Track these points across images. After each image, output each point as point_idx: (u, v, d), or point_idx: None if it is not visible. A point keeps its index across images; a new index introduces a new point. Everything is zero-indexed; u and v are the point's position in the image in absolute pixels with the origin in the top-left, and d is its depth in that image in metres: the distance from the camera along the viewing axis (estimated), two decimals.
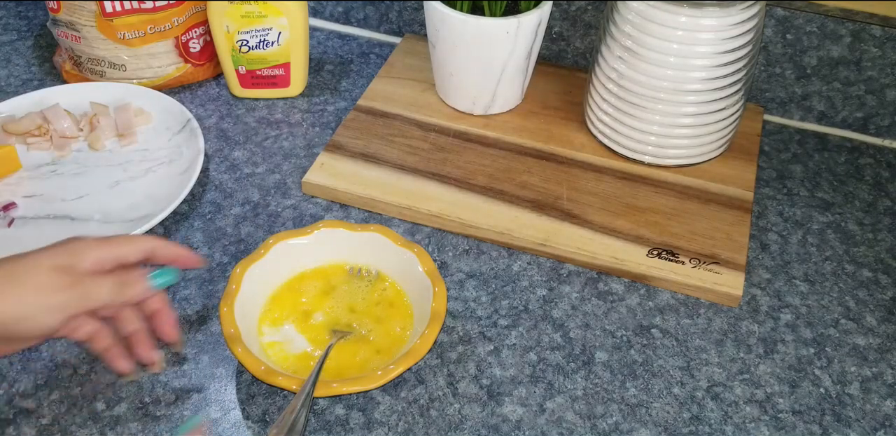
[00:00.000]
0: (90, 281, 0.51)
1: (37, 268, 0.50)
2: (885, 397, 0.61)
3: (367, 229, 0.63)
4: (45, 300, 0.49)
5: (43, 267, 0.50)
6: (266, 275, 0.62)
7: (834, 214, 0.75)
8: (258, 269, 0.61)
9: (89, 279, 0.51)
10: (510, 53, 0.74)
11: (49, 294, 0.49)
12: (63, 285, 0.50)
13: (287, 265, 0.63)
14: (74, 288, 0.50)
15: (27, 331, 0.50)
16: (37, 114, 0.76)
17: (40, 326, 0.50)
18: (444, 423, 0.58)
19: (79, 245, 0.52)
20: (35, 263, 0.50)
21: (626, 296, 0.67)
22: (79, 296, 0.51)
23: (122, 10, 0.77)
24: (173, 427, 0.57)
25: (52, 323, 0.50)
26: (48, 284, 0.50)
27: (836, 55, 0.78)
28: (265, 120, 0.81)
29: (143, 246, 0.55)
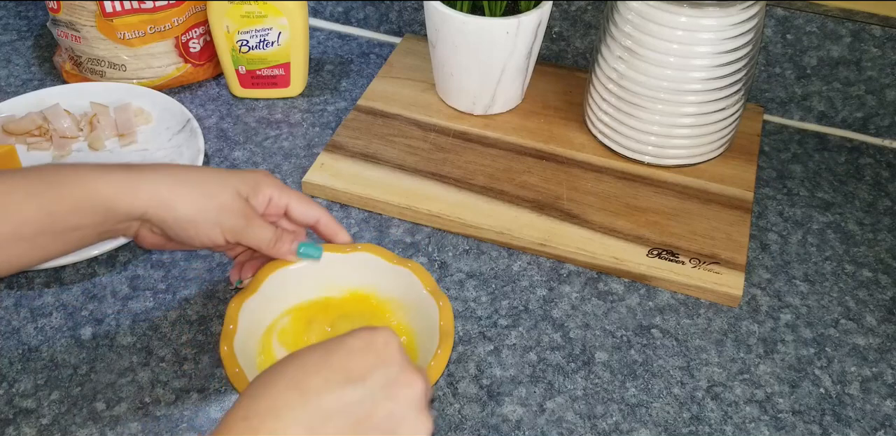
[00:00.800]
0: (258, 221, 0.56)
1: (224, 186, 0.54)
2: (885, 397, 0.61)
3: (355, 250, 0.60)
4: (219, 218, 0.54)
5: (229, 188, 0.54)
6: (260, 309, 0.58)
7: (834, 214, 0.75)
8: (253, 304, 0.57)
9: (258, 220, 0.56)
10: (510, 53, 0.74)
11: (225, 214, 0.54)
12: (238, 212, 0.54)
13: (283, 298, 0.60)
14: (245, 219, 0.55)
15: (193, 237, 0.54)
16: (37, 114, 0.76)
17: (204, 237, 0.54)
18: (444, 423, 0.58)
19: (264, 180, 0.57)
20: (225, 181, 0.55)
21: (626, 296, 0.67)
22: (244, 227, 0.55)
23: (122, 10, 0.77)
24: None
25: (217, 239, 0.54)
26: (228, 205, 0.54)
27: (836, 55, 0.78)
28: (265, 120, 0.81)
29: (313, 212, 0.59)
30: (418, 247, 0.70)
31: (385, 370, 0.43)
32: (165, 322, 0.63)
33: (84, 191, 0.51)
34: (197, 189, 0.53)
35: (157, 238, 0.56)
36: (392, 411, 0.42)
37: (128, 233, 0.55)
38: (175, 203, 0.52)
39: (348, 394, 0.41)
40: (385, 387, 0.42)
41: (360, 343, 0.43)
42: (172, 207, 0.52)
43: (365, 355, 0.43)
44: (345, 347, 0.43)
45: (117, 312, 0.64)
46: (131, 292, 0.65)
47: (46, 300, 0.65)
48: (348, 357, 0.43)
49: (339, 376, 0.42)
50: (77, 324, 0.63)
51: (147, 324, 0.63)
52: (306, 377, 0.42)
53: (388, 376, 0.42)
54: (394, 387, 0.42)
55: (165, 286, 0.66)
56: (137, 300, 0.65)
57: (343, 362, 0.42)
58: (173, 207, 0.52)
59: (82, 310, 0.64)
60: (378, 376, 0.42)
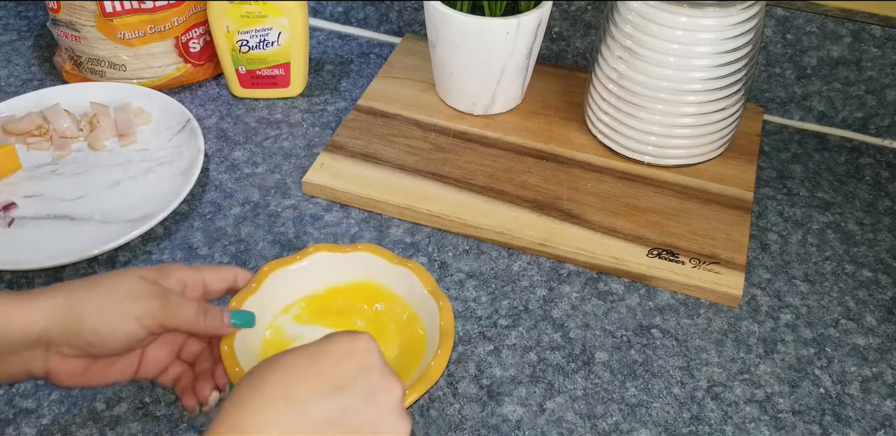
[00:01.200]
0: (176, 297, 0.51)
1: (124, 277, 0.50)
2: (885, 397, 0.61)
3: (355, 250, 0.60)
4: (130, 306, 0.49)
5: (130, 277, 0.50)
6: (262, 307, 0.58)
7: (834, 214, 0.75)
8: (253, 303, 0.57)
9: (175, 296, 0.51)
10: (510, 53, 0.74)
11: (135, 301, 0.49)
12: (149, 294, 0.49)
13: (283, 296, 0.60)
14: (160, 299, 0.50)
15: (110, 339, 0.48)
16: (37, 114, 0.76)
17: (123, 333, 0.49)
18: (444, 423, 0.58)
19: (168, 265, 0.53)
20: (123, 274, 0.50)
21: (626, 296, 0.67)
22: (162, 307, 0.50)
23: (122, 10, 0.77)
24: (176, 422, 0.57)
25: (136, 332, 0.49)
26: (134, 291, 0.49)
27: (836, 55, 0.78)
28: (265, 120, 0.81)
29: (228, 273, 0.56)
30: (418, 247, 0.70)
31: (367, 377, 0.44)
32: None
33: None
34: (95, 288, 0.49)
35: (71, 363, 0.50)
36: (374, 416, 0.43)
37: (33, 367, 0.49)
38: (75, 309, 0.47)
39: (334, 402, 0.42)
40: (367, 393, 0.44)
41: (343, 349, 0.45)
42: (74, 313, 0.47)
43: (348, 362, 0.44)
44: (328, 353, 0.44)
45: None
46: None
47: None
48: (332, 364, 0.44)
49: (325, 384, 0.43)
50: None
51: None
52: (293, 385, 0.42)
53: (369, 382, 0.44)
54: (375, 393, 0.44)
55: None
56: None
57: (327, 370, 0.43)
58: (75, 314, 0.47)
59: None
60: (361, 383, 0.44)
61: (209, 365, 0.55)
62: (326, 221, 0.72)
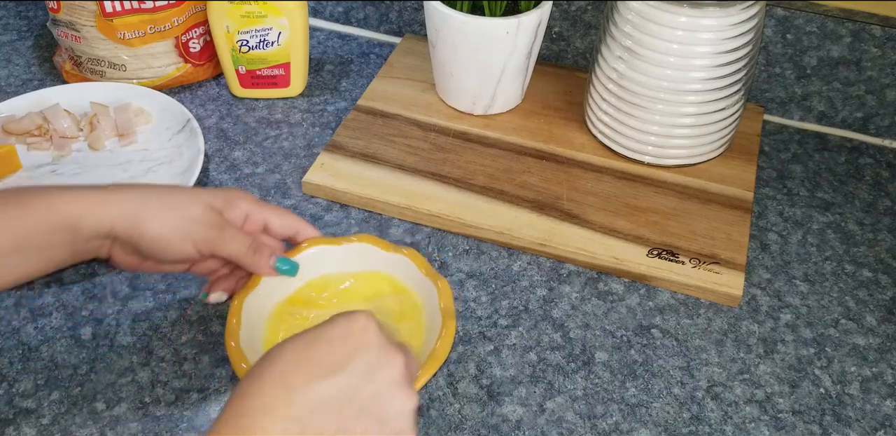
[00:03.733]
0: (233, 230, 0.55)
1: (194, 200, 0.54)
2: (885, 397, 0.61)
3: (350, 241, 0.61)
4: (189, 230, 0.53)
5: (199, 201, 0.54)
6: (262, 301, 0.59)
7: (834, 214, 0.75)
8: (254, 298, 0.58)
9: (233, 230, 0.55)
10: (510, 53, 0.74)
11: (195, 226, 0.53)
12: (209, 223, 0.53)
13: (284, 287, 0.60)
14: (218, 229, 0.54)
15: (164, 252, 0.53)
16: (37, 114, 0.76)
17: (177, 251, 0.53)
18: (444, 423, 0.58)
19: (237, 195, 0.56)
20: (194, 195, 0.54)
21: (626, 296, 0.67)
22: (217, 238, 0.54)
23: (122, 10, 0.77)
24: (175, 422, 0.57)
25: (188, 252, 0.53)
26: (198, 218, 0.53)
27: (836, 55, 0.78)
28: (265, 120, 0.81)
29: (291, 223, 0.58)
30: (418, 247, 0.70)
31: (364, 355, 0.44)
32: (165, 322, 0.63)
33: (50, 210, 0.50)
34: (164, 204, 0.53)
35: (130, 258, 0.55)
36: (375, 393, 0.44)
37: (101, 252, 0.54)
38: (142, 219, 0.52)
39: (331, 384, 0.43)
40: (366, 371, 0.44)
41: (339, 332, 0.45)
42: (140, 223, 0.52)
43: (344, 344, 0.45)
44: (325, 338, 0.45)
45: (117, 312, 0.64)
46: (131, 292, 0.65)
47: (46, 300, 0.65)
48: (329, 348, 0.44)
49: (322, 369, 0.43)
50: (77, 324, 0.63)
51: (147, 324, 0.63)
52: (291, 373, 0.43)
53: (368, 360, 0.44)
54: (375, 369, 0.44)
55: (165, 286, 0.66)
56: (137, 300, 0.65)
57: (323, 354, 0.44)
58: (141, 223, 0.52)
59: (82, 310, 0.64)
60: (358, 362, 0.44)
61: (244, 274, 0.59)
62: (326, 221, 0.72)
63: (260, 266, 0.56)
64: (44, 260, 0.52)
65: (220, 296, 0.59)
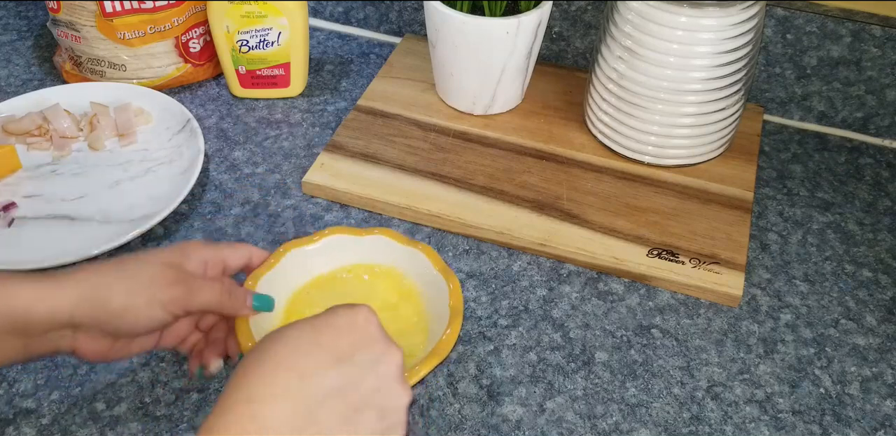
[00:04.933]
0: (199, 281, 0.52)
1: (147, 263, 0.51)
2: (885, 397, 0.61)
3: (371, 233, 0.62)
4: (155, 292, 0.50)
5: (154, 262, 0.51)
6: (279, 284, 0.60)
7: (834, 214, 0.75)
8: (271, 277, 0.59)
9: (198, 280, 0.52)
10: (510, 53, 0.74)
11: (160, 287, 0.50)
12: (173, 280, 0.51)
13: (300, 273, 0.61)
14: (184, 284, 0.51)
15: (135, 323, 0.50)
16: (37, 114, 0.76)
17: (148, 318, 0.50)
18: (444, 423, 0.58)
19: (188, 246, 0.54)
20: (146, 259, 0.51)
21: (626, 296, 0.67)
22: (187, 292, 0.51)
23: (122, 10, 0.77)
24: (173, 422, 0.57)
25: (160, 316, 0.50)
26: (159, 277, 0.50)
27: (836, 55, 0.78)
28: (265, 120, 0.81)
29: (244, 251, 0.57)
30: None
31: (369, 348, 0.45)
32: None
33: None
34: (120, 274, 0.50)
35: (99, 343, 0.51)
36: (376, 385, 0.44)
37: (61, 344, 0.50)
38: (101, 295, 0.48)
39: (339, 372, 0.43)
40: (369, 363, 0.44)
41: (344, 322, 0.45)
42: (100, 299, 0.48)
43: (350, 334, 0.45)
44: (331, 326, 0.45)
45: None
46: None
47: None
48: (335, 336, 0.44)
49: (329, 356, 0.44)
50: None
51: None
52: (301, 358, 0.43)
53: (371, 353, 0.45)
54: (377, 363, 0.45)
55: None
56: None
57: (330, 342, 0.44)
58: (101, 300, 0.48)
59: None
60: (363, 355, 0.44)
61: (223, 335, 0.57)
62: (326, 222, 0.72)
63: (240, 308, 0.54)
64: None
65: (218, 364, 0.55)
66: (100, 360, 0.52)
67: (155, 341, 0.55)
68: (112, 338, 0.51)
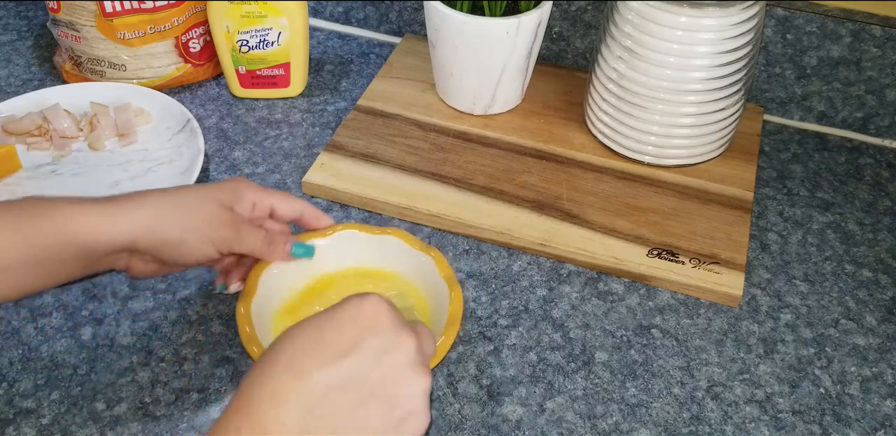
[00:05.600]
0: (248, 227, 0.56)
1: (205, 200, 0.54)
2: (885, 397, 0.61)
3: (385, 232, 0.62)
4: (208, 232, 0.54)
5: (210, 200, 0.54)
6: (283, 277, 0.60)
7: (834, 214, 0.75)
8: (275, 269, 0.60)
9: (247, 226, 0.56)
10: (510, 53, 0.74)
11: (213, 227, 0.54)
12: (225, 222, 0.54)
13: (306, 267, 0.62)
14: (234, 227, 0.55)
15: (187, 255, 0.54)
16: (37, 114, 0.76)
17: (200, 253, 0.54)
18: (444, 423, 0.58)
19: (242, 186, 0.57)
20: (203, 195, 0.54)
21: (626, 296, 0.67)
22: (235, 236, 0.55)
23: (122, 10, 0.77)
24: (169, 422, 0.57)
25: (211, 253, 0.55)
26: (213, 218, 0.54)
27: (836, 55, 0.78)
28: (265, 120, 0.81)
29: (296, 206, 0.60)
30: None
31: (374, 337, 0.44)
32: (165, 322, 0.63)
33: (64, 225, 0.50)
34: (179, 209, 0.53)
35: (149, 266, 0.56)
36: (384, 375, 0.43)
37: (117, 265, 0.54)
38: (161, 227, 0.52)
39: (340, 369, 0.43)
40: (375, 353, 0.43)
41: (349, 314, 0.45)
42: (159, 231, 0.52)
43: (352, 327, 0.44)
44: (334, 321, 0.45)
45: (117, 313, 0.64)
46: (131, 292, 0.65)
47: (46, 300, 0.65)
48: (337, 332, 0.44)
49: (329, 352, 0.43)
50: (77, 324, 0.63)
51: (147, 324, 0.63)
52: (300, 359, 0.43)
53: (377, 343, 0.44)
54: (384, 352, 0.44)
55: (165, 286, 0.66)
56: (137, 300, 0.65)
57: (333, 338, 0.44)
58: (160, 232, 0.52)
59: (82, 310, 0.64)
60: (367, 345, 0.43)
61: (251, 260, 0.60)
62: None
63: (277, 256, 0.58)
64: (55, 274, 0.52)
65: (238, 286, 0.60)
66: (147, 277, 0.58)
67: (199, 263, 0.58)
68: (161, 263, 0.55)
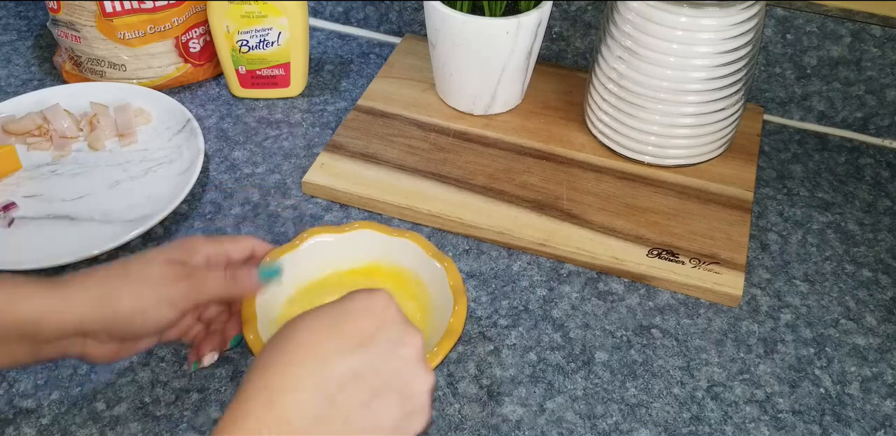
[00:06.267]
0: (203, 273, 0.53)
1: (151, 262, 0.51)
2: (885, 397, 0.61)
3: (402, 235, 0.62)
4: (162, 292, 0.50)
5: (157, 261, 0.51)
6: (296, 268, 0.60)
7: (834, 214, 0.75)
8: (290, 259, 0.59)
9: (202, 272, 0.53)
10: (510, 53, 0.74)
11: (166, 286, 0.51)
12: (178, 277, 0.51)
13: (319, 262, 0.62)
14: (189, 279, 0.52)
15: (144, 325, 0.51)
16: (37, 114, 0.76)
17: (157, 318, 0.51)
18: (444, 423, 0.58)
19: (190, 242, 0.54)
20: (149, 258, 0.52)
21: (626, 296, 0.67)
22: (193, 287, 0.52)
23: (122, 10, 0.77)
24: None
25: (169, 315, 0.51)
26: (164, 276, 0.51)
27: (836, 55, 0.78)
28: (265, 120, 0.81)
29: (245, 245, 0.57)
30: None
31: (387, 332, 0.45)
32: None
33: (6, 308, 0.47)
34: (127, 278, 0.50)
35: (107, 347, 0.52)
36: (399, 368, 0.44)
37: (70, 351, 0.51)
38: (109, 301, 0.49)
39: (359, 357, 0.43)
40: (390, 346, 0.44)
41: (362, 306, 0.45)
42: (108, 305, 0.49)
43: (368, 318, 0.45)
44: (349, 311, 0.45)
45: None
46: None
47: None
48: (354, 321, 0.44)
49: (348, 340, 0.43)
50: None
51: None
52: (318, 344, 0.43)
53: (391, 337, 0.44)
54: (398, 346, 0.44)
55: None
56: None
57: (349, 327, 0.44)
58: (109, 305, 0.49)
59: None
60: (383, 337, 0.44)
61: (220, 326, 0.58)
62: (326, 222, 0.72)
63: (247, 289, 0.55)
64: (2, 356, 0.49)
65: (212, 357, 0.57)
66: (107, 362, 0.53)
67: (159, 336, 0.55)
68: (120, 340, 0.52)
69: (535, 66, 0.80)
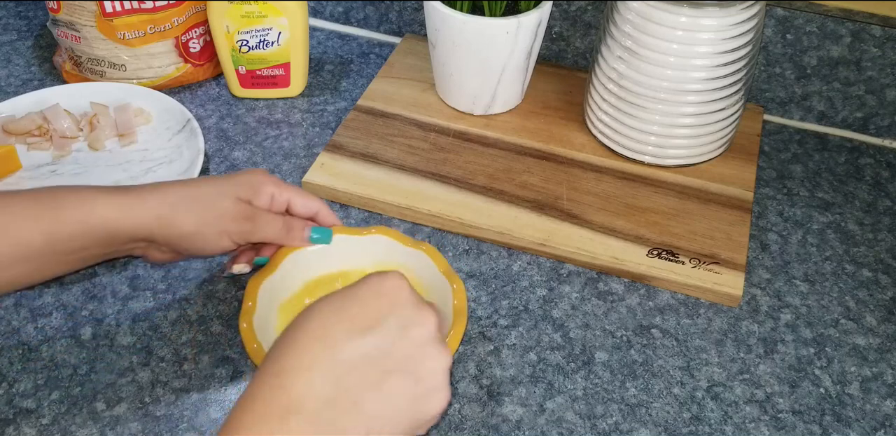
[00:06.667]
0: (264, 217, 0.57)
1: (223, 196, 0.56)
2: (885, 397, 0.61)
3: (369, 232, 0.62)
4: (225, 226, 0.55)
5: (228, 195, 0.56)
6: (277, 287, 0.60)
7: (834, 214, 0.75)
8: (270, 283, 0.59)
9: (264, 215, 0.57)
10: (510, 53, 0.74)
11: (230, 221, 0.55)
12: (243, 216, 0.56)
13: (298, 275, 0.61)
14: (251, 220, 0.56)
15: (201, 249, 0.57)
16: (37, 114, 0.76)
17: (214, 246, 0.56)
18: (444, 423, 0.58)
19: (262, 180, 0.58)
20: (221, 190, 0.56)
21: (626, 296, 0.67)
22: (252, 228, 0.57)
23: (122, 10, 0.77)
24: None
25: (225, 246, 0.57)
26: (231, 212, 0.55)
27: (836, 55, 0.78)
28: (265, 120, 0.81)
29: (313, 204, 0.61)
30: None
31: (398, 313, 0.45)
32: (165, 322, 0.63)
33: (84, 215, 0.52)
34: (197, 203, 0.55)
35: (166, 255, 0.58)
36: (409, 351, 0.44)
37: (135, 252, 0.57)
38: (178, 221, 0.54)
39: (368, 341, 0.43)
40: (400, 329, 0.44)
41: (372, 290, 0.46)
42: (176, 224, 0.54)
43: (378, 301, 0.45)
44: (359, 295, 0.46)
45: (117, 312, 0.64)
46: (131, 292, 0.65)
47: (46, 300, 0.65)
48: (363, 305, 0.45)
49: (357, 324, 0.44)
50: (77, 324, 0.63)
51: (147, 324, 0.63)
52: (328, 330, 0.44)
53: (401, 318, 0.45)
54: (408, 328, 0.45)
55: (165, 286, 0.66)
56: (137, 300, 0.65)
57: (359, 310, 0.45)
58: (177, 225, 0.54)
59: (82, 310, 0.64)
60: (392, 320, 0.44)
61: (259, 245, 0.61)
62: None
63: (296, 242, 0.60)
64: (74, 261, 0.54)
65: (242, 267, 0.61)
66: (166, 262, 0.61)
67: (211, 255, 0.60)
68: (178, 253, 0.58)
69: (535, 66, 0.80)
